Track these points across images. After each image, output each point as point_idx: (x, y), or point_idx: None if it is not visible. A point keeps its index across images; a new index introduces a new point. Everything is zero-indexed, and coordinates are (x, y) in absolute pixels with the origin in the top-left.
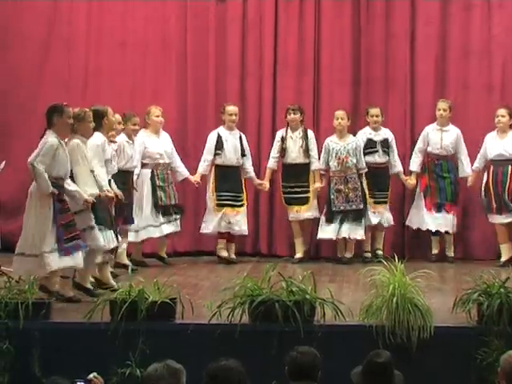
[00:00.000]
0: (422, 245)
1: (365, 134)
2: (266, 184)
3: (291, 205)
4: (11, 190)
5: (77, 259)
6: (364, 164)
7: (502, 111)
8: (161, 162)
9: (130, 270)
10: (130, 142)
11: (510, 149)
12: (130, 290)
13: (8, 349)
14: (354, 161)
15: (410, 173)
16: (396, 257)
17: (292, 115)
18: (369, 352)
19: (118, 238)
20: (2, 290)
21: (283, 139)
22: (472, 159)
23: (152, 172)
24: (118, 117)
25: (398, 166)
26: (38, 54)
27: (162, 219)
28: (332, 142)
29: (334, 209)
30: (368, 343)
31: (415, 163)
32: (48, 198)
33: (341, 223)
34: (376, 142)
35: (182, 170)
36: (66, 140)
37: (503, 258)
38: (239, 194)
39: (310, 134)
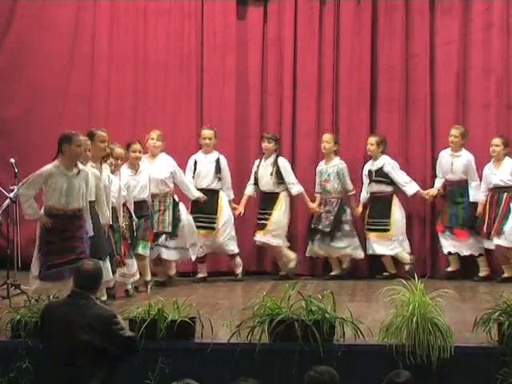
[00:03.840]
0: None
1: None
2: (241, 209)
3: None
4: None
5: (58, 285)
6: (351, 186)
7: (496, 141)
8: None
9: (149, 290)
10: (130, 172)
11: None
12: (149, 309)
13: (27, 368)
14: (336, 185)
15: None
16: (416, 276)
17: (266, 143)
18: (388, 372)
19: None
20: (22, 309)
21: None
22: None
23: None
24: (121, 151)
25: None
26: (61, 73)
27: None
28: (319, 165)
29: (312, 227)
30: (388, 363)
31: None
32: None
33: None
34: (372, 172)
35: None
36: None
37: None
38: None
39: (281, 161)
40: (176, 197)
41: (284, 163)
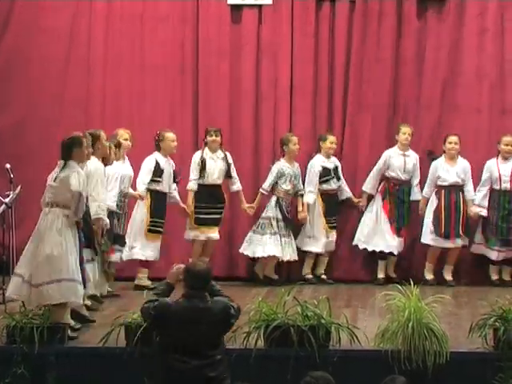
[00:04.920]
0: None
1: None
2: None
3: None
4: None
5: None
6: (301, 186)
7: (454, 138)
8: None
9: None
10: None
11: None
12: None
13: (23, 374)
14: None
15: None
16: (412, 281)
17: (214, 137)
18: (384, 377)
19: None
20: (17, 315)
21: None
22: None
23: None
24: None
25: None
26: (57, 78)
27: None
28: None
29: None
30: (383, 368)
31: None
32: None
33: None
34: (330, 170)
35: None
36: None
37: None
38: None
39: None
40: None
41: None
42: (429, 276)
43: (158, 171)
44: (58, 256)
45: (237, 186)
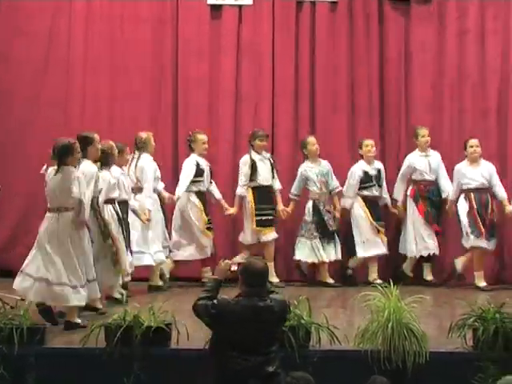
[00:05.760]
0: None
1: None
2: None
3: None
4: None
5: None
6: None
7: (474, 141)
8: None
9: (124, 298)
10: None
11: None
12: (124, 316)
13: (3, 375)
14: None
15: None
16: (392, 282)
17: (265, 142)
18: (364, 377)
19: None
20: None
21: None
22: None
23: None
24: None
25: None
26: (36, 79)
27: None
28: (309, 167)
29: (330, 229)
30: (363, 368)
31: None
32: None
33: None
34: (372, 176)
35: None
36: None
37: None
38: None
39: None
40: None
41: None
42: (481, 283)
43: (198, 171)
44: (66, 261)
45: (277, 185)
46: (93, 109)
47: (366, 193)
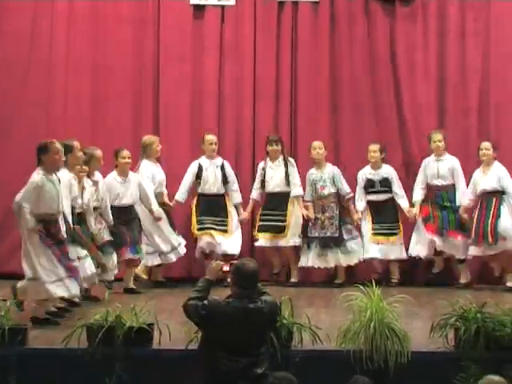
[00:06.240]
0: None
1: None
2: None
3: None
4: None
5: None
6: (349, 189)
7: (486, 144)
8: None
9: (106, 296)
10: (121, 178)
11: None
12: (107, 316)
13: None
14: (333, 190)
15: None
16: (374, 282)
17: (274, 146)
18: (346, 377)
19: None
20: None
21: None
22: None
23: None
24: (99, 152)
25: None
26: (18, 79)
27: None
28: (311, 173)
29: (309, 235)
30: (345, 368)
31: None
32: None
33: (319, 249)
34: (375, 182)
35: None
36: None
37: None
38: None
39: (291, 161)
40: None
41: (293, 164)
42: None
43: (200, 173)
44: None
45: (294, 191)
46: (75, 109)
47: (369, 198)
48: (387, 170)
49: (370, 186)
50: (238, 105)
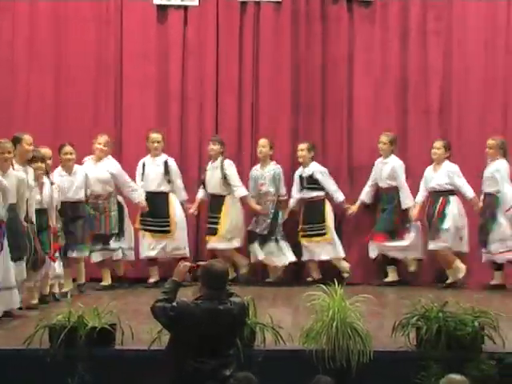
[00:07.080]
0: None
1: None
2: (193, 210)
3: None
4: None
5: None
6: (284, 191)
7: (436, 143)
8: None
9: (69, 296)
10: (65, 173)
11: (441, 181)
12: (69, 316)
13: None
14: (271, 189)
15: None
16: (336, 281)
17: (211, 145)
18: (309, 376)
19: None
20: None
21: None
22: (415, 186)
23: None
24: (47, 151)
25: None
26: None
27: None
28: (254, 169)
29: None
30: (308, 368)
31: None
32: None
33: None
34: (304, 178)
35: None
36: None
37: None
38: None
39: (227, 163)
40: (121, 198)
41: (230, 166)
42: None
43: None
44: None
45: (237, 193)
46: (37, 108)
47: (300, 195)
48: (315, 168)
49: (300, 183)
50: (200, 104)
